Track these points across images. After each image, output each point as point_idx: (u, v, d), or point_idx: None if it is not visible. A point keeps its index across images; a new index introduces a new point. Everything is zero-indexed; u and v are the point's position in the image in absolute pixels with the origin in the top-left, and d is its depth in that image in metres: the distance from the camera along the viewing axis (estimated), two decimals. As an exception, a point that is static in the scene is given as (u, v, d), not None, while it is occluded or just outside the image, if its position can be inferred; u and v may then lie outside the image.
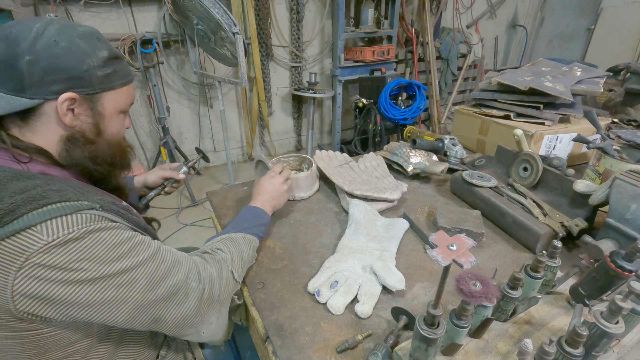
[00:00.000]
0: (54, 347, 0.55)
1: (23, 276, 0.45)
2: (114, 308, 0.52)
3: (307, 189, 1.05)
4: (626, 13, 3.90)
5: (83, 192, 0.54)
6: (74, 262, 0.47)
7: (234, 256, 0.70)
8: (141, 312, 0.55)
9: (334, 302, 0.66)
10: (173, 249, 0.62)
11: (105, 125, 0.64)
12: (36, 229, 0.46)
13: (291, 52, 3.13)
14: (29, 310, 0.48)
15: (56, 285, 0.47)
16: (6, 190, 0.48)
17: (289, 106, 3.42)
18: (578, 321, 0.51)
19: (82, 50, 0.56)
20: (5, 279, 0.45)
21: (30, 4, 2.08)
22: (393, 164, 1.20)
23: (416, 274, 0.76)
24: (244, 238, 0.75)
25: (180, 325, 0.60)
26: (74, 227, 0.47)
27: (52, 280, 0.47)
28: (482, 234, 0.86)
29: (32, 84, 0.53)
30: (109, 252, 0.50)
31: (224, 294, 0.66)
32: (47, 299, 0.47)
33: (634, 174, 0.75)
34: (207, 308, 0.63)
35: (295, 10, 2.95)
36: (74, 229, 0.47)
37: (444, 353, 0.56)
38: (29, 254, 0.45)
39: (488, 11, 4.30)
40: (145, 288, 0.54)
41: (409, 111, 2.60)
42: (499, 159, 1.11)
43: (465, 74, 4.10)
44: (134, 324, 0.56)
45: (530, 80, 1.25)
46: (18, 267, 0.45)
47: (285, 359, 0.58)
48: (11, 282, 0.45)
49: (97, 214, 0.51)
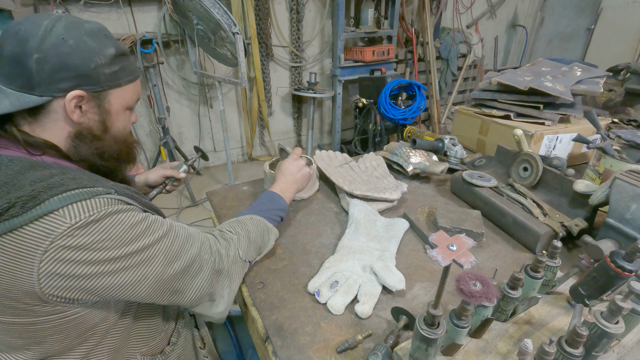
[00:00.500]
0: (76, 330, 0.57)
1: (48, 259, 0.47)
2: (136, 285, 0.55)
3: (307, 189, 1.05)
4: (626, 13, 3.90)
5: (96, 179, 0.56)
6: (96, 243, 0.50)
7: (240, 236, 0.72)
8: (161, 286, 0.58)
9: (334, 302, 0.67)
10: (185, 225, 0.65)
11: (112, 121, 0.65)
12: (59, 213, 0.48)
13: (291, 52, 3.13)
14: (54, 293, 0.49)
15: (81, 265, 0.49)
16: (25, 179, 0.50)
17: (289, 106, 3.42)
18: (578, 321, 0.51)
19: (90, 49, 0.57)
20: (31, 262, 0.47)
21: (30, 4, 2.08)
22: (393, 164, 1.20)
23: (416, 274, 0.76)
24: (251, 219, 0.77)
25: (196, 297, 0.63)
26: (94, 210, 0.50)
27: (77, 261, 0.49)
28: (482, 234, 0.86)
29: (40, 82, 0.54)
30: (127, 233, 0.53)
31: (232, 269, 0.68)
32: (72, 279, 0.50)
33: (634, 174, 0.75)
34: (217, 279, 0.66)
35: (295, 10, 2.95)
36: (94, 211, 0.50)
37: (444, 353, 0.56)
38: (54, 237, 0.47)
39: (488, 11, 4.30)
40: (163, 263, 0.57)
41: (409, 111, 2.60)
42: (499, 159, 1.11)
43: (465, 74, 4.10)
44: (155, 298, 0.59)
45: (530, 80, 1.25)
46: (43, 250, 0.47)
47: (285, 359, 0.58)
48: (37, 265, 0.47)
49: (113, 197, 0.53)
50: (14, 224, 0.46)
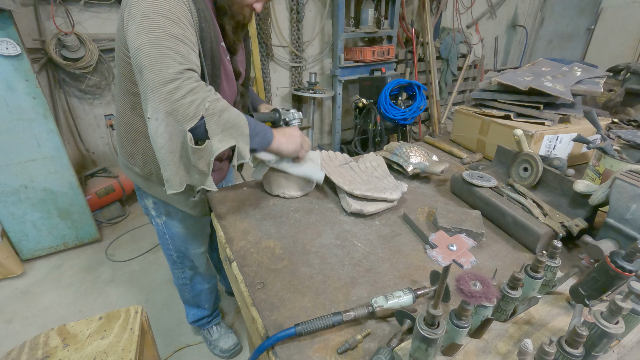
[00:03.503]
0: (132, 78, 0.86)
1: None
2: (141, 34, 0.74)
3: (304, 186, 1.06)
4: (626, 13, 3.90)
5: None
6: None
7: (220, 103, 0.79)
8: (152, 46, 0.73)
9: None
10: (186, 46, 0.78)
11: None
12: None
13: (291, 52, 3.13)
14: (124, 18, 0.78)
15: (130, 5, 0.76)
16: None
17: (288, 106, 3.42)
18: (578, 321, 0.51)
19: None
20: None
21: (30, 4, 2.08)
22: (393, 164, 1.20)
23: (416, 274, 0.76)
24: (239, 114, 0.83)
25: (149, 80, 0.73)
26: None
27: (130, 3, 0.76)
28: (482, 234, 0.86)
29: None
30: (164, 5, 0.75)
31: (182, 104, 0.74)
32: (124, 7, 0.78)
33: (634, 174, 0.75)
34: (164, 94, 0.73)
35: (295, 10, 2.95)
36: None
37: (444, 353, 0.56)
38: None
39: (488, 11, 4.30)
40: (159, 35, 0.74)
41: (409, 111, 2.60)
42: (499, 159, 1.11)
43: (465, 74, 4.11)
44: (140, 55, 0.74)
45: (530, 80, 1.25)
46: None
47: (285, 359, 0.58)
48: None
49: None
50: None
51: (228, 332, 1.63)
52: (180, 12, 0.77)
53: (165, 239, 1.25)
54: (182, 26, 0.77)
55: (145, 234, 2.44)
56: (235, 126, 0.81)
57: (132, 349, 0.93)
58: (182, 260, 1.32)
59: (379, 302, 0.63)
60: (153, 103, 0.73)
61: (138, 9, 0.75)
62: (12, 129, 1.84)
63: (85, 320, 1.01)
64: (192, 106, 0.75)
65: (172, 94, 0.73)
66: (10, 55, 1.70)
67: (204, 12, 0.83)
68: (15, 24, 1.68)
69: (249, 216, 0.97)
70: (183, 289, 1.45)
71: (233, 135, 0.81)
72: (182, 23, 0.77)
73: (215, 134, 0.79)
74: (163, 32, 0.74)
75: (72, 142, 2.54)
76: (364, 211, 0.94)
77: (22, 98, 1.81)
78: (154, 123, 0.74)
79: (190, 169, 0.83)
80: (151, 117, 0.74)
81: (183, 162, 0.81)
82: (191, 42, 0.79)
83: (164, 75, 0.72)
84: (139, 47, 0.73)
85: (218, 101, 0.79)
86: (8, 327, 1.75)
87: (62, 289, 1.98)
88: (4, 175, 1.90)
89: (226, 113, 0.80)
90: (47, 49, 2.11)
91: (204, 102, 0.76)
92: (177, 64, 0.74)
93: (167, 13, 0.75)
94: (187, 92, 0.74)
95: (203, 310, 1.55)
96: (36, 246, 2.14)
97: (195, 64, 0.79)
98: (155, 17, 0.74)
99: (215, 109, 0.78)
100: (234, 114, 0.81)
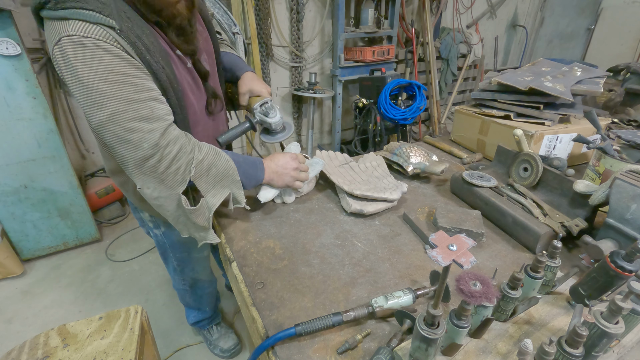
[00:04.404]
0: None
1: (54, 51, 0.63)
2: (94, 110, 0.66)
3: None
4: (626, 13, 3.90)
5: (120, 12, 0.66)
6: (72, 61, 0.62)
7: (205, 161, 0.78)
8: (113, 124, 0.67)
9: None
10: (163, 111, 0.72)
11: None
12: (68, 22, 0.61)
13: (291, 52, 3.13)
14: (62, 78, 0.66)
15: (60, 70, 0.64)
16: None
17: (289, 106, 3.42)
18: (578, 321, 0.51)
19: None
20: (51, 46, 0.63)
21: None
22: (393, 164, 1.20)
23: (416, 274, 0.76)
24: (228, 161, 0.82)
25: (126, 157, 0.70)
26: (88, 34, 0.62)
27: (59, 66, 0.63)
28: (482, 234, 0.86)
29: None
30: (100, 68, 0.63)
31: (169, 174, 0.74)
32: (61, 75, 0.64)
33: (634, 174, 0.75)
34: (148, 170, 0.72)
35: (295, 10, 2.94)
36: (87, 34, 0.62)
37: (444, 353, 0.56)
38: (58, 40, 0.61)
39: (488, 11, 4.30)
40: (115, 109, 0.66)
41: (409, 111, 2.60)
42: (499, 159, 1.11)
43: (465, 74, 4.10)
44: (105, 132, 0.68)
45: (530, 80, 1.25)
46: (54, 44, 0.62)
47: (285, 359, 0.58)
48: (51, 51, 0.63)
49: (113, 34, 0.64)
50: (48, 14, 0.63)
51: (228, 332, 1.63)
52: (120, 64, 0.65)
53: (166, 249, 1.21)
54: (130, 81, 0.67)
55: (145, 234, 2.44)
56: (225, 177, 0.82)
57: (132, 349, 0.93)
58: (182, 268, 1.29)
59: (379, 302, 0.63)
60: (139, 177, 0.73)
61: (72, 75, 0.63)
62: (12, 129, 1.84)
63: (85, 320, 1.01)
64: (178, 174, 0.75)
65: (155, 167, 0.72)
66: (10, 55, 1.70)
67: (141, 41, 0.68)
68: (15, 24, 1.68)
69: (248, 216, 0.97)
70: (183, 294, 1.43)
71: (225, 186, 0.82)
72: (128, 77, 0.66)
73: (207, 191, 0.80)
74: (116, 103, 0.65)
75: (72, 142, 2.54)
76: (364, 211, 0.94)
77: (22, 98, 1.81)
78: (147, 191, 0.75)
79: (189, 225, 0.84)
80: (142, 187, 0.74)
81: (182, 220, 0.83)
82: (148, 91, 0.69)
83: (141, 152, 0.69)
84: (99, 125, 0.67)
85: (203, 161, 0.78)
86: (8, 327, 1.75)
87: (62, 289, 1.98)
88: (4, 175, 1.90)
89: (214, 169, 0.80)
90: (47, 49, 2.11)
91: (189, 168, 0.75)
92: (148, 134, 0.68)
93: (107, 75, 0.64)
94: (170, 162, 0.73)
95: (204, 312, 1.54)
96: (36, 246, 2.14)
97: (164, 114, 0.72)
98: (98, 86, 0.64)
99: (202, 170, 0.78)
100: (221, 166, 0.81)
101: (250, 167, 0.89)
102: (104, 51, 0.63)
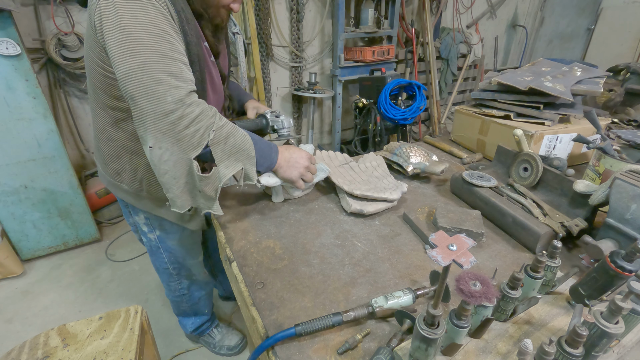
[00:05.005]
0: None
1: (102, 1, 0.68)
2: (127, 57, 0.68)
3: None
4: (626, 13, 3.90)
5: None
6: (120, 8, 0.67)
7: (225, 128, 0.77)
8: (142, 72, 0.68)
9: None
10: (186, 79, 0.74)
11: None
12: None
13: (291, 52, 3.13)
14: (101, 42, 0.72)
15: (103, 19, 0.68)
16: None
17: (289, 106, 3.42)
18: (578, 321, 0.51)
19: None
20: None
21: (31, 4, 2.08)
22: (393, 164, 1.19)
23: (416, 274, 0.76)
24: (245, 136, 0.81)
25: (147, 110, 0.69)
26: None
27: (102, 15, 0.68)
28: (482, 234, 0.86)
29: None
30: (145, 19, 0.68)
31: (187, 135, 0.72)
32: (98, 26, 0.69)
33: (634, 174, 0.75)
34: (166, 126, 0.71)
35: (295, 10, 2.94)
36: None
37: (444, 353, 0.56)
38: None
39: (488, 11, 4.30)
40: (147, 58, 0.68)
41: (409, 111, 2.60)
42: (499, 159, 1.11)
43: (465, 74, 4.10)
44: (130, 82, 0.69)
45: (530, 80, 1.25)
46: None
47: (285, 359, 0.58)
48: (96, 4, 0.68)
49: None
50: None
51: (230, 330, 1.63)
52: (163, 22, 0.71)
53: (160, 254, 1.18)
54: (168, 39, 0.71)
55: (145, 234, 2.44)
56: (241, 150, 0.80)
57: (132, 349, 0.93)
58: (178, 271, 1.27)
59: (378, 302, 0.63)
60: (155, 134, 0.70)
61: (115, 21, 0.67)
62: (12, 129, 1.84)
63: (85, 320, 1.01)
64: (196, 135, 0.73)
65: (175, 124, 0.70)
66: (10, 55, 1.70)
67: (184, 14, 0.77)
68: (15, 24, 1.68)
69: (248, 216, 0.97)
70: (180, 300, 1.39)
71: (240, 159, 0.80)
72: (167, 35, 0.71)
73: (221, 160, 0.78)
74: (151, 53, 0.68)
75: (72, 142, 2.54)
76: (364, 211, 0.94)
77: (22, 98, 1.81)
78: (157, 152, 0.72)
79: (195, 193, 0.81)
80: (153, 146, 0.72)
81: (188, 187, 0.80)
82: (181, 54, 0.74)
83: (164, 106, 0.69)
84: (127, 73, 0.68)
85: (223, 127, 0.76)
86: (8, 327, 1.75)
87: (62, 289, 1.98)
88: (4, 175, 1.90)
89: (232, 138, 0.78)
90: (47, 49, 2.11)
91: (208, 131, 0.74)
92: (174, 89, 0.70)
93: (149, 26, 0.68)
94: (190, 122, 0.71)
95: (202, 316, 1.52)
96: (36, 246, 2.15)
97: (190, 79, 0.75)
98: (138, 35, 0.67)
99: (220, 136, 0.76)
100: (239, 138, 0.80)
101: (266, 147, 0.88)
102: (152, 6, 0.69)
